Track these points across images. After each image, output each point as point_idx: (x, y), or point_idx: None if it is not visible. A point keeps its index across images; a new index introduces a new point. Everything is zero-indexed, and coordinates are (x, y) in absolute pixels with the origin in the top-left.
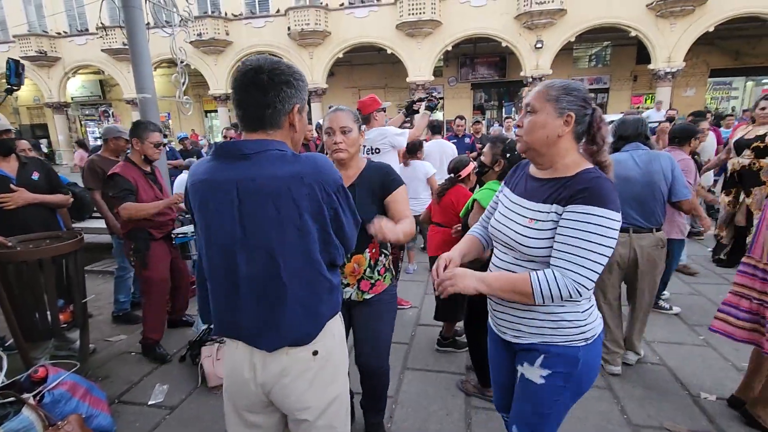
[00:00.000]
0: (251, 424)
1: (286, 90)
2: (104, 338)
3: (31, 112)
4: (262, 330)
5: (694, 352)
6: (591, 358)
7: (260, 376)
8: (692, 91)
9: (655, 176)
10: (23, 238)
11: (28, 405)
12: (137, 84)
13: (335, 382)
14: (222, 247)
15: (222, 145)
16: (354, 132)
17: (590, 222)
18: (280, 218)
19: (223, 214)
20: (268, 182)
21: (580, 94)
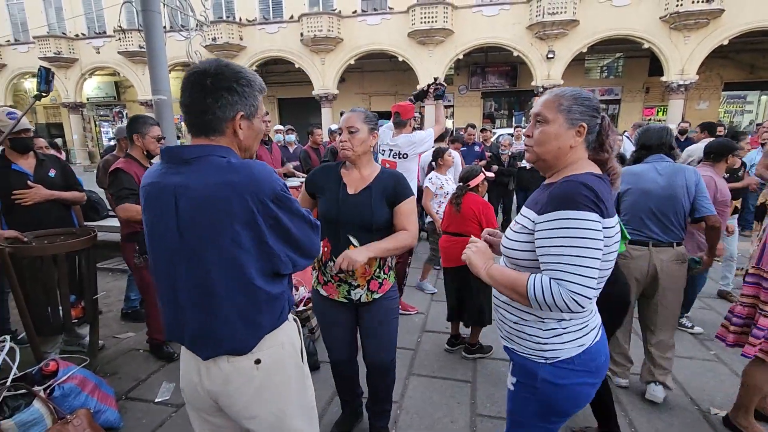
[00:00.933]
0: (212, 424)
1: (227, 96)
2: (113, 335)
3: (48, 111)
4: (198, 338)
5: (705, 366)
6: (558, 379)
7: (206, 382)
8: (705, 104)
9: (678, 190)
10: (38, 233)
11: (39, 398)
12: (153, 86)
13: (285, 393)
14: (162, 253)
15: (167, 149)
16: (361, 133)
17: (565, 227)
18: (213, 228)
19: (162, 219)
20: (203, 191)
21: (591, 103)
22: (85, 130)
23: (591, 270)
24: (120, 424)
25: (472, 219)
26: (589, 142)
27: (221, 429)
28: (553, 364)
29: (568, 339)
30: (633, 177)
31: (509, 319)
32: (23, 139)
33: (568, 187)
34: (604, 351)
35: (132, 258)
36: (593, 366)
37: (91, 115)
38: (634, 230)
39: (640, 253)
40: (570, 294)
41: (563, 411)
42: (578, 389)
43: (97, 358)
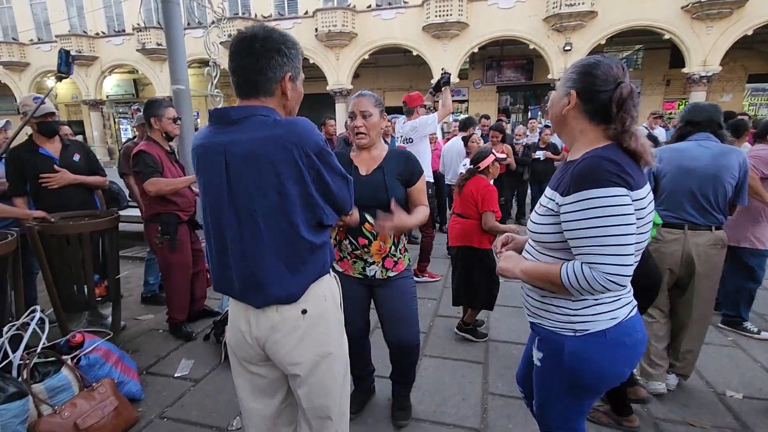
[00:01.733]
0: (254, 374)
1: (278, 58)
2: (134, 317)
3: (69, 108)
4: (248, 287)
5: (722, 352)
6: (586, 353)
7: (254, 330)
8: (729, 96)
9: (723, 171)
10: (64, 215)
11: (67, 366)
12: (172, 75)
13: (326, 342)
14: (214, 208)
15: (214, 111)
16: (375, 116)
17: (591, 207)
18: (261, 180)
19: (214, 176)
20: (249, 146)
21: (589, 69)
22: (105, 127)
23: (624, 247)
24: (142, 396)
25: (470, 200)
26: (592, 112)
27: (261, 380)
28: (581, 337)
29: (600, 311)
30: (674, 153)
31: (536, 293)
32: (50, 122)
33: (589, 164)
34: (641, 327)
35: (154, 239)
36: (630, 341)
37: (111, 112)
38: (670, 212)
39: (674, 237)
40: (605, 276)
41: (592, 387)
42: (610, 365)
43: (119, 336)
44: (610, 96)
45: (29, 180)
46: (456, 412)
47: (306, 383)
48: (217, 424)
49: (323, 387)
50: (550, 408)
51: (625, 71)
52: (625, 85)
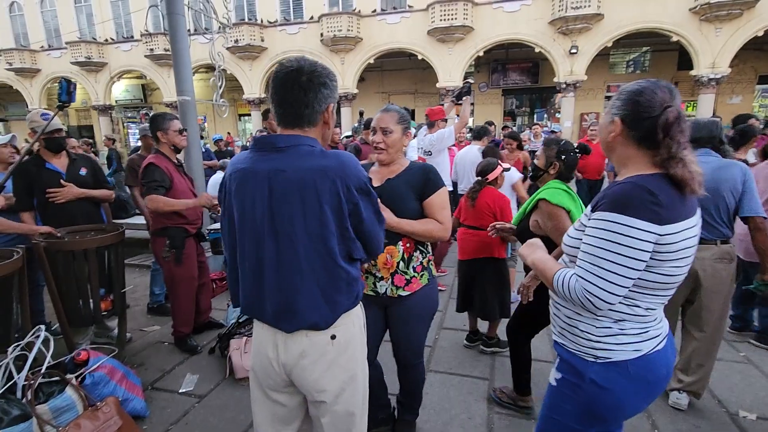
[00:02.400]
0: (275, 401)
1: (323, 91)
2: (140, 328)
3: (79, 113)
4: (281, 313)
5: (734, 368)
6: (606, 381)
7: (282, 356)
8: (738, 98)
9: (722, 185)
10: (70, 229)
11: (71, 385)
12: (178, 87)
13: (353, 368)
14: (253, 233)
15: (260, 139)
16: (395, 134)
17: (604, 228)
18: (304, 208)
19: (255, 201)
20: (296, 174)
21: (633, 96)
22: (114, 132)
23: (618, 277)
24: (146, 413)
25: (487, 212)
26: (641, 138)
27: (281, 407)
28: (603, 364)
29: (623, 341)
30: None
31: (563, 314)
32: (56, 138)
33: (625, 189)
34: (666, 363)
35: (161, 252)
36: (652, 377)
37: (119, 117)
38: None
39: None
40: (584, 292)
41: (604, 417)
42: (626, 397)
43: (125, 350)
44: (656, 121)
45: (36, 194)
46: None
47: (331, 410)
48: None
49: (347, 413)
50: (555, 429)
51: (673, 95)
52: (671, 110)
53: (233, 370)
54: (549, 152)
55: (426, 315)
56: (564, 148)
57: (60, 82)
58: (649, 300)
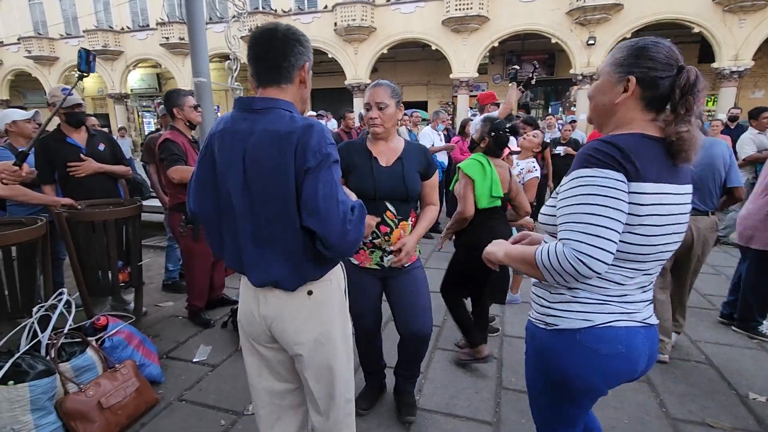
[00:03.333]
0: (262, 356)
1: (298, 47)
2: (154, 303)
3: (96, 102)
4: (251, 266)
5: (745, 354)
6: (551, 349)
7: (262, 308)
8: (761, 92)
9: (716, 160)
10: (89, 202)
11: (92, 347)
12: (194, 69)
13: (330, 322)
14: (230, 190)
15: (240, 99)
16: (390, 108)
17: (578, 185)
18: (271, 171)
19: (233, 160)
20: (266, 135)
21: (650, 53)
22: (129, 121)
23: (605, 230)
24: (162, 379)
25: None
26: (650, 99)
27: (268, 362)
28: (550, 331)
29: (573, 309)
30: None
31: (532, 283)
32: (77, 113)
33: (593, 145)
34: (627, 343)
35: (178, 227)
36: (605, 350)
37: (135, 106)
38: None
39: None
40: (575, 253)
41: (562, 387)
42: (576, 368)
43: (141, 322)
44: (673, 81)
45: (57, 168)
46: (468, 405)
47: (310, 365)
48: (233, 408)
49: (328, 369)
50: (534, 403)
51: (681, 54)
52: (691, 69)
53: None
54: (484, 128)
55: (426, 282)
56: (496, 126)
57: (79, 51)
58: (613, 270)
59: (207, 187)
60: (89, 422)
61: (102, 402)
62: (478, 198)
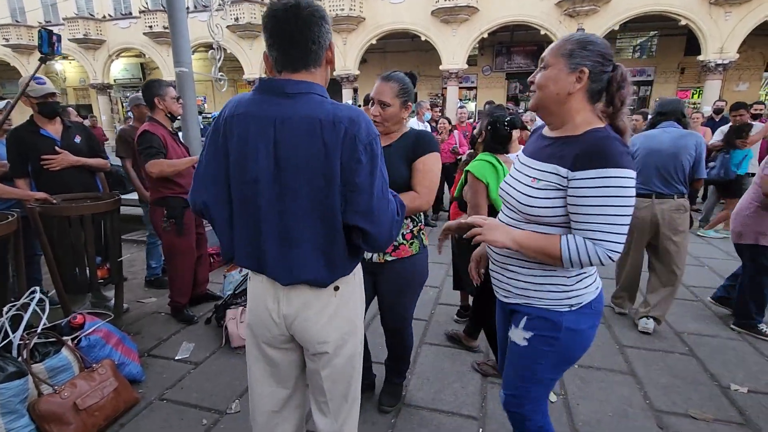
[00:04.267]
0: (270, 360)
1: (325, 25)
2: (137, 300)
3: (78, 92)
4: (280, 263)
5: (728, 345)
6: (578, 324)
7: (284, 307)
8: (745, 85)
9: (681, 150)
10: (66, 197)
11: (67, 346)
12: (175, 58)
13: (354, 320)
14: (253, 181)
15: (266, 81)
16: (393, 108)
17: (607, 185)
18: (311, 159)
19: (258, 148)
20: (304, 122)
21: (596, 48)
22: (113, 111)
23: (624, 227)
24: (142, 378)
25: None
26: (594, 91)
27: (276, 366)
28: (577, 310)
29: (589, 282)
30: (645, 139)
31: (524, 274)
32: (50, 103)
33: (606, 143)
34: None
35: (160, 222)
36: (601, 307)
37: (118, 96)
38: (642, 185)
39: (645, 205)
40: (607, 253)
41: (576, 357)
42: (591, 332)
43: (122, 319)
44: (610, 76)
45: (31, 161)
46: (454, 400)
47: (332, 363)
48: (216, 406)
49: (348, 365)
50: (532, 386)
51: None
52: (622, 66)
53: (229, 338)
54: (483, 122)
55: (414, 283)
56: (495, 119)
57: (40, 32)
58: None
59: (217, 178)
60: (64, 424)
61: (78, 403)
62: (495, 201)
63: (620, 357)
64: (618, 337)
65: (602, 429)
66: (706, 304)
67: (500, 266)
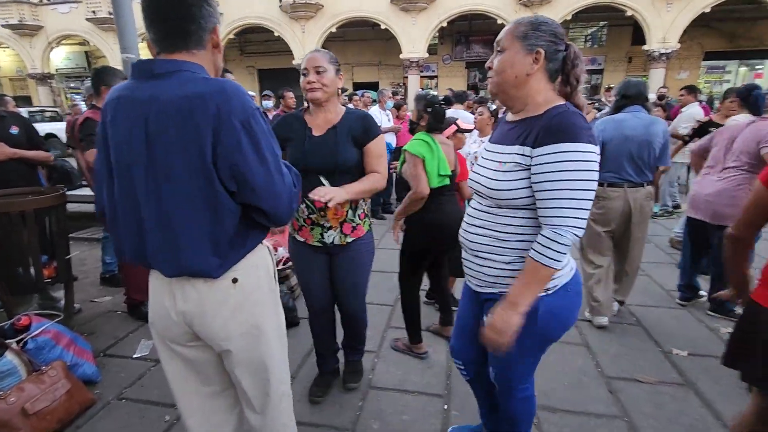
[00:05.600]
0: (184, 358)
1: (206, 7)
2: (90, 299)
3: (14, 83)
4: (161, 253)
5: (670, 314)
6: (555, 307)
7: (180, 304)
8: (686, 73)
9: (653, 138)
10: (4, 192)
11: (11, 350)
12: (121, 44)
13: (261, 314)
14: (128, 167)
15: (137, 64)
16: (329, 72)
17: (567, 160)
18: (182, 140)
19: (132, 132)
20: (172, 101)
21: (549, 28)
22: (56, 104)
23: (587, 203)
24: (98, 378)
25: None
26: (552, 71)
27: (193, 364)
28: (554, 293)
29: (564, 264)
30: (616, 124)
31: (497, 261)
32: None
33: (567, 118)
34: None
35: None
36: (579, 288)
37: (61, 87)
38: (613, 174)
39: (617, 194)
40: (570, 230)
41: (557, 336)
42: (570, 313)
43: (74, 319)
44: (566, 53)
45: None
46: (420, 380)
47: (240, 360)
48: None
49: (260, 363)
50: (516, 366)
51: None
52: (573, 46)
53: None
54: (419, 106)
55: (369, 261)
56: (430, 101)
57: None
58: None
59: (104, 174)
60: (13, 430)
61: (27, 408)
62: (429, 173)
63: (574, 330)
64: None
65: (558, 396)
66: (652, 278)
67: (473, 254)
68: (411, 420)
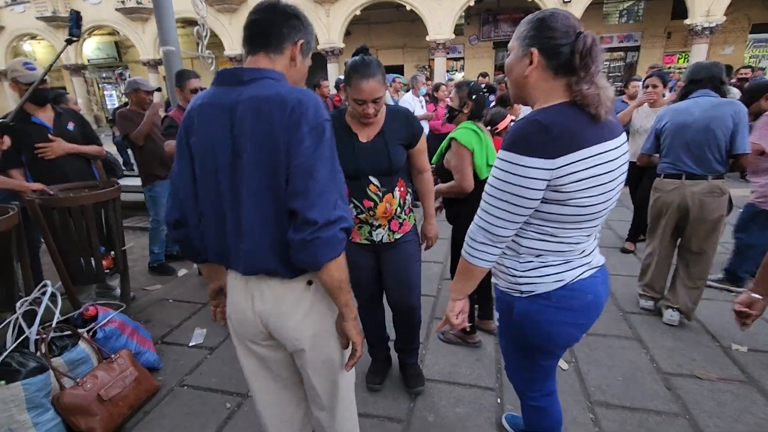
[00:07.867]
0: (259, 356)
1: (294, 21)
2: (142, 287)
3: (51, 74)
4: (239, 254)
5: (726, 307)
6: (531, 312)
7: (257, 304)
8: (730, 48)
9: (713, 122)
10: (63, 187)
11: (84, 339)
12: (161, 37)
13: (331, 316)
14: (214, 173)
15: (223, 71)
16: (384, 95)
17: (500, 168)
18: (265, 140)
19: (216, 136)
20: (253, 103)
21: (549, 23)
22: (89, 93)
23: (509, 214)
24: (160, 365)
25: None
26: (556, 67)
27: (266, 361)
28: (528, 298)
29: (545, 273)
30: (673, 113)
31: None
32: (41, 90)
33: (521, 126)
34: (592, 290)
35: None
36: (577, 304)
37: (94, 77)
38: (670, 164)
39: (674, 187)
40: (480, 230)
41: (538, 346)
42: (554, 325)
43: (130, 307)
44: (572, 47)
45: (24, 150)
46: (471, 373)
47: (312, 360)
48: (238, 389)
49: (330, 362)
50: (509, 366)
51: (580, 22)
52: (587, 35)
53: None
54: (461, 93)
55: (417, 253)
56: (474, 88)
57: (71, 13)
58: (572, 233)
59: (186, 184)
60: (90, 416)
61: (101, 394)
62: (478, 169)
63: (624, 323)
64: (620, 304)
65: (614, 392)
66: None
67: None
68: (465, 413)
